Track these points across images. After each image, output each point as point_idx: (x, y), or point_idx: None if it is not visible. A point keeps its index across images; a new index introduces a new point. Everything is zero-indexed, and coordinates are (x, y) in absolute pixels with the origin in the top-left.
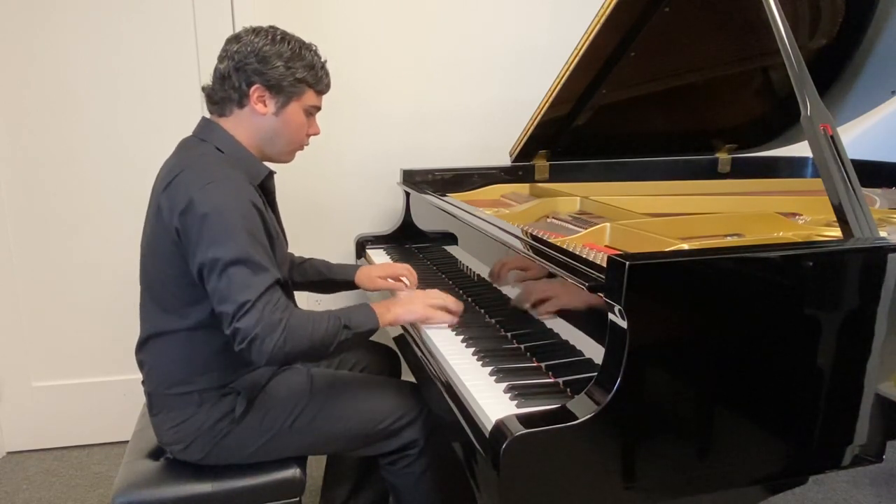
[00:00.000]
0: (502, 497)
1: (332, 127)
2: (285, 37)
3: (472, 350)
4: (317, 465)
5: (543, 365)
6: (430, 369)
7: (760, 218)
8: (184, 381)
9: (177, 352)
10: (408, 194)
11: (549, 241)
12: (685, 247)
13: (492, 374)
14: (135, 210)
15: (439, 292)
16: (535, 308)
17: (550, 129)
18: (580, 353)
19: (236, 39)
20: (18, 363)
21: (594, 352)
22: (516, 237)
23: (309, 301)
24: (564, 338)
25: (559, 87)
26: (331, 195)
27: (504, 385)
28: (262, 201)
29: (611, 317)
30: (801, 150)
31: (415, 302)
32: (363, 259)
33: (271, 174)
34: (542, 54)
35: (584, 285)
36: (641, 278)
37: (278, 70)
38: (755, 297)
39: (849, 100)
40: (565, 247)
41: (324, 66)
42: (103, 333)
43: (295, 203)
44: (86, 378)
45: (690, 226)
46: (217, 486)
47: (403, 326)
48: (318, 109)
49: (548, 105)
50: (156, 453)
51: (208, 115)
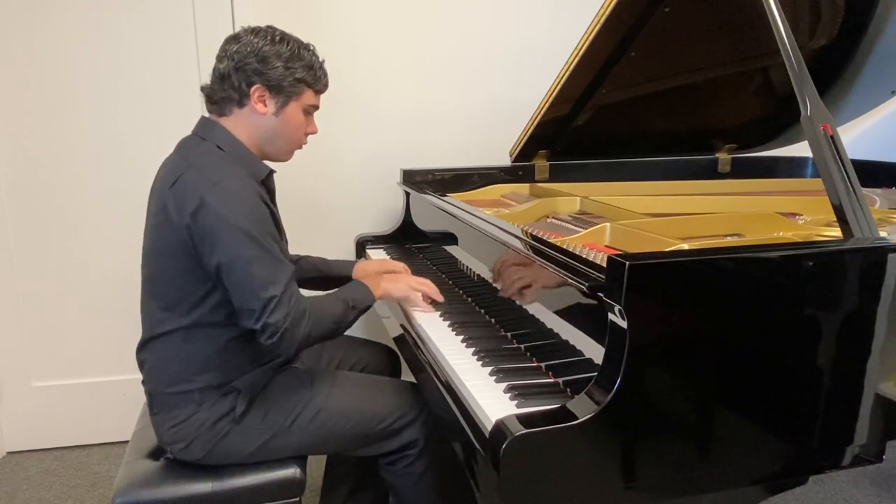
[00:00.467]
0: (502, 497)
1: (331, 127)
2: (284, 37)
3: (472, 350)
4: (317, 465)
5: (543, 365)
6: (429, 369)
7: (760, 218)
8: (184, 380)
9: (177, 350)
10: (408, 194)
11: (549, 241)
12: (685, 247)
13: (492, 374)
14: (135, 210)
15: (426, 280)
16: (521, 292)
17: (550, 129)
18: (580, 353)
19: (235, 39)
20: (18, 363)
21: (594, 352)
22: (516, 237)
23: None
24: (564, 338)
25: (559, 87)
26: (331, 195)
27: (504, 385)
28: (267, 197)
29: (611, 317)
30: (801, 150)
31: (401, 280)
32: (363, 259)
33: (271, 173)
34: (542, 54)
35: (585, 285)
36: (641, 278)
37: (278, 70)
38: (755, 298)
39: (849, 100)
40: (565, 247)
41: (322, 66)
42: (103, 333)
43: (295, 203)
44: (86, 378)
45: (690, 226)
46: (217, 485)
47: (403, 326)
48: (316, 108)
49: (548, 105)
50: (156, 453)
51: (207, 115)
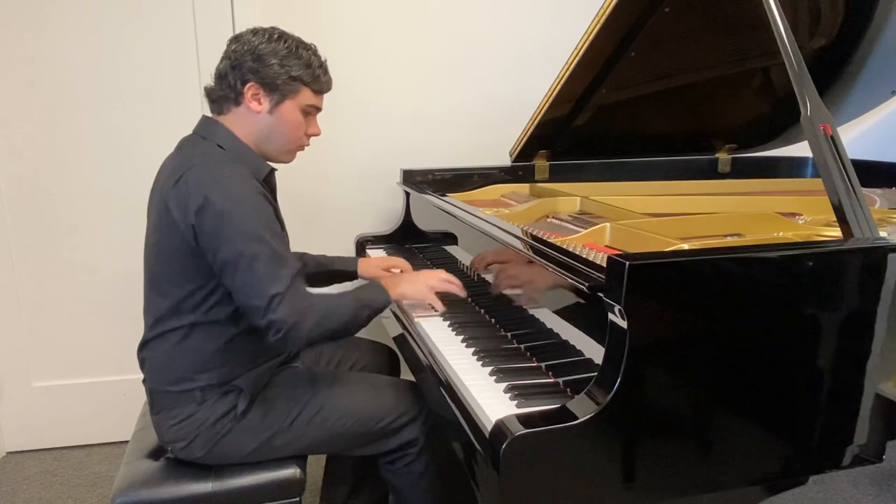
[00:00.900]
0: (502, 497)
1: (332, 127)
2: (283, 36)
3: (472, 350)
4: (317, 465)
5: (543, 365)
6: (429, 369)
7: (760, 218)
8: (185, 378)
9: (178, 349)
10: (408, 194)
11: (549, 241)
12: (685, 247)
13: (492, 373)
14: (135, 210)
15: (444, 274)
16: (520, 291)
17: (550, 129)
18: (580, 353)
19: (236, 39)
20: (18, 363)
21: (594, 352)
22: (516, 237)
23: None
24: (564, 338)
25: (559, 87)
26: (331, 195)
27: (504, 385)
28: (269, 195)
29: (611, 317)
30: (801, 150)
31: (420, 281)
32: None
33: (272, 171)
34: (542, 54)
35: (585, 285)
36: (641, 278)
37: (273, 68)
38: (755, 298)
39: (849, 100)
40: (565, 247)
41: (322, 66)
42: (103, 333)
43: (295, 203)
44: (86, 378)
45: (690, 226)
46: (217, 485)
47: (403, 325)
48: (318, 110)
49: (548, 105)
50: (156, 453)
51: (209, 115)
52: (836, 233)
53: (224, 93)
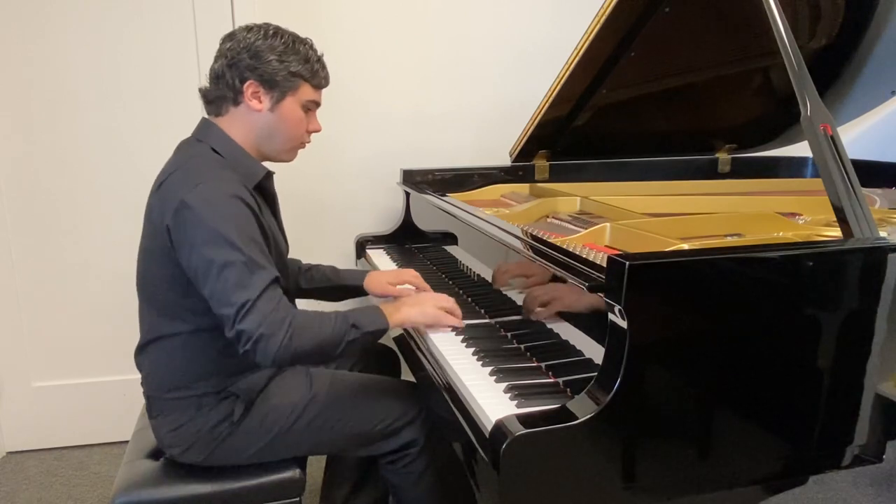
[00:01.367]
0: (502, 497)
1: (332, 127)
2: (278, 31)
3: (472, 350)
4: (317, 465)
5: (543, 365)
6: (429, 369)
7: (760, 218)
8: (182, 386)
9: (175, 356)
10: (408, 194)
11: (549, 241)
12: (685, 247)
13: (492, 374)
14: (134, 210)
15: (447, 297)
16: (539, 312)
17: (550, 129)
18: (580, 353)
19: (230, 37)
20: (18, 363)
21: (594, 352)
22: (516, 237)
23: (312, 307)
24: (564, 338)
25: (559, 87)
26: (331, 195)
27: (504, 385)
28: (255, 202)
29: (611, 317)
30: (801, 150)
31: (426, 304)
32: (363, 259)
33: (269, 175)
34: (542, 54)
35: (584, 285)
36: (641, 278)
37: (271, 64)
38: (755, 298)
39: (849, 100)
40: (565, 247)
41: (320, 60)
42: (103, 333)
43: (295, 203)
44: (86, 378)
45: (690, 226)
46: (217, 486)
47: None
48: (318, 105)
49: (548, 105)
50: (156, 453)
51: (207, 115)
52: (836, 233)
53: (222, 93)
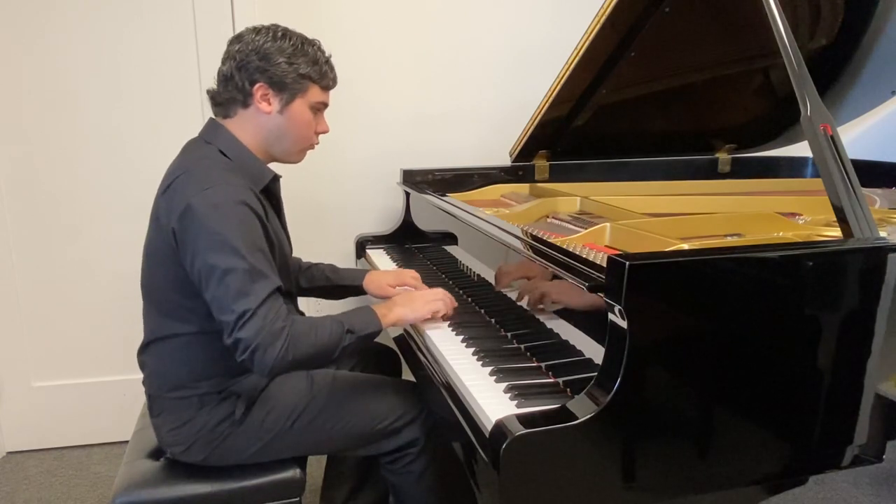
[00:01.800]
0: (502, 497)
1: (332, 127)
2: (287, 33)
3: (472, 350)
4: (317, 465)
5: (543, 365)
6: (430, 369)
7: (760, 218)
8: (184, 386)
9: (177, 356)
10: (408, 194)
11: (549, 241)
12: (685, 247)
13: (492, 374)
14: (134, 210)
15: (437, 290)
16: (537, 305)
17: (550, 129)
18: (580, 353)
19: (238, 39)
20: (18, 363)
21: (594, 352)
22: (516, 237)
23: (309, 305)
24: (564, 338)
25: (559, 87)
26: (331, 195)
27: (504, 385)
28: (262, 207)
29: (611, 317)
30: (801, 150)
31: (416, 301)
32: (363, 259)
33: (276, 178)
34: (542, 54)
35: (584, 285)
36: (641, 278)
37: (281, 67)
38: (755, 298)
39: (849, 100)
40: (565, 247)
41: (328, 61)
42: (103, 333)
43: (295, 204)
44: (86, 378)
45: (690, 226)
46: (217, 486)
47: (404, 326)
48: (326, 106)
49: (548, 105)
50: (156, 453)
51: (214, 117)
52: (836, 233)
53: (231, 95)
